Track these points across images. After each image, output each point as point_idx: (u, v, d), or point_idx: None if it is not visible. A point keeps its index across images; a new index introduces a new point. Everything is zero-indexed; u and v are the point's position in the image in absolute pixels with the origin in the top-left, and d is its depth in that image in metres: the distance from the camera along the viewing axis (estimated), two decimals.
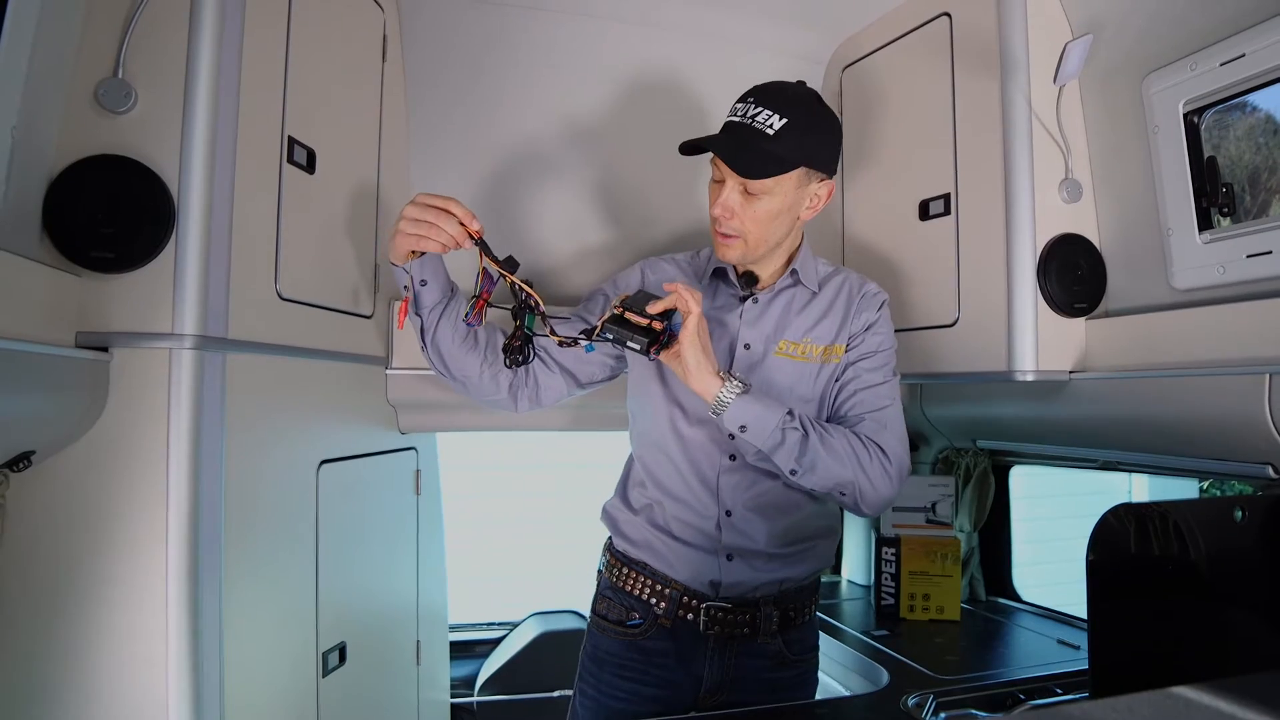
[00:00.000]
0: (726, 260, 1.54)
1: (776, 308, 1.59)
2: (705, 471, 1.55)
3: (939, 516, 2.46)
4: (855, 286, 1.64)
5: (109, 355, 1.25)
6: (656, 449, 1.59)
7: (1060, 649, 2.16)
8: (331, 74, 1.70)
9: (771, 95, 1.45)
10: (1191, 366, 1.60)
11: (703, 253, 1.69)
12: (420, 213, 1.35)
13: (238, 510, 1.38)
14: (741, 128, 1.43)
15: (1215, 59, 1.52)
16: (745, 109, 1.44)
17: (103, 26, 1.24)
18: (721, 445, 1.54)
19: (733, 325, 1.58)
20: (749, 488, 1.55)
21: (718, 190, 1.47)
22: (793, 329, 1.57)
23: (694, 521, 1.55)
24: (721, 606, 1.54)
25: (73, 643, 1.23)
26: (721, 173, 1.45)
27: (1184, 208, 1.63)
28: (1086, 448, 2.08)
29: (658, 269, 1.68)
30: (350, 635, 1.76)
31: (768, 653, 1.58)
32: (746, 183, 1.43)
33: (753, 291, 1.58)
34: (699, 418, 1.54)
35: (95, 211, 1.22)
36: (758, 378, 1.53)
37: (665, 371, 1.56)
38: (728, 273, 1.59)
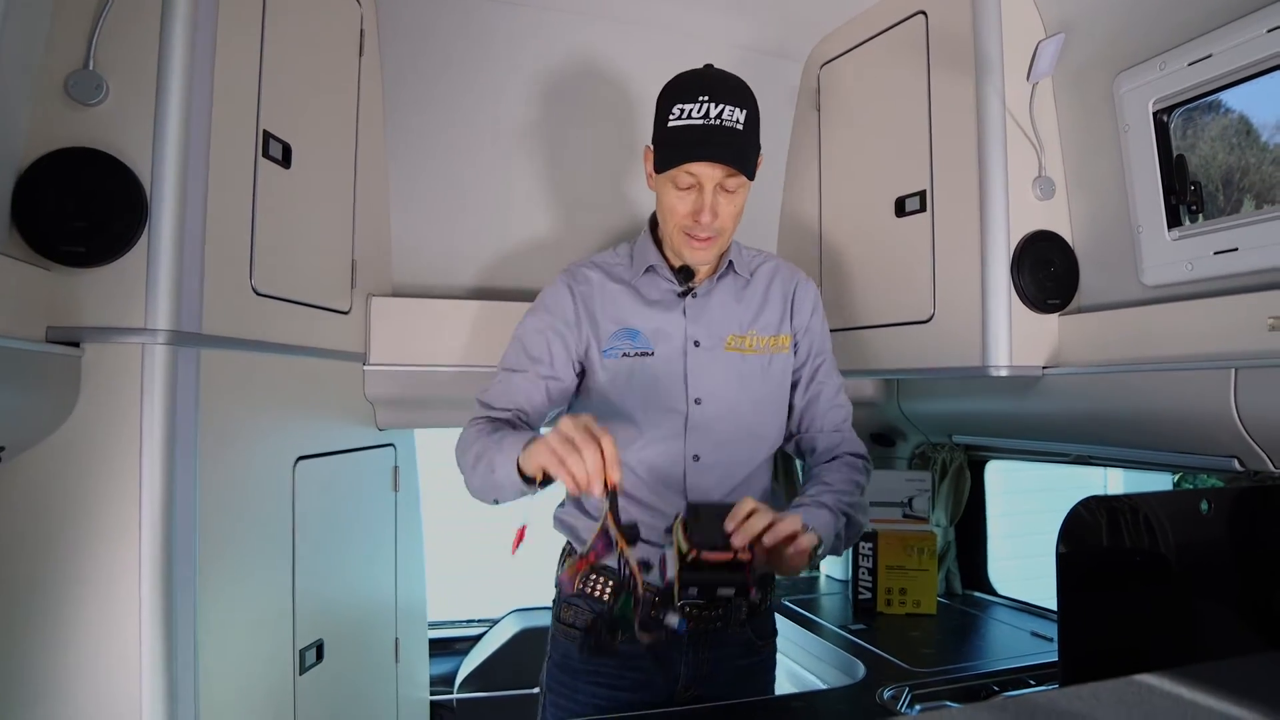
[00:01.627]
0: (700, 262, 1.52)
1: (716, 300, 1.57)
2: (671, 476, 1.52)
3: (915, 511, 2.48)
4: (788, 275, 1.65)
5: (80, 350, 1.24)
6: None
7: (1034, 641, 2.18)
8: (308, 68, 1.69)
9: (727, 89, 1.42)
10: (1160, 362, 1.63)
11: (620, 249, 1.64)
12: (578, 435, 1.20)
13: (212, 507, 1.37)
14: (718, 130, 1.40)
15: (1184, 59, 1.55)
16: (708, 108, 1.39)
17: (73, 17, 1.23)
18: (683, 446, 1.52)
19: (678, 323, 1.54)
20: (717, 487, 1.53)
21: (689, 195, 1.44)
22: (736, 321, 1.56)
23: (663, 527, 1.50)
24: (695, 603, 1.49)
25: (44, 642, 1.21)
26: (697, 177, 1.42)
27: (1154, 205, 1.65)
28: (1060, 442, 2.10)
29: (589, 283, 1.57)
30: (328, 632, 1.75)
31: (738, 641, 1.58)
32: (724, 181, 1.42)
33: (691, 286, 1.56)
34: (660, 423, 1.51)
35: (65, 205, 1.21)
36: (710, 374, 1.52)
37: (623, 381, 1.51)
38: (658, 267, 1.56)
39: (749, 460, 1.57)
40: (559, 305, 1.56)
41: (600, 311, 1.54)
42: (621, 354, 1.52)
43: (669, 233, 1.50)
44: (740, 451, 1.56)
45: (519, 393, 1.51)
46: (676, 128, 1.41)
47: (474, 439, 1.42)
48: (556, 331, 1.53)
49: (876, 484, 2.49)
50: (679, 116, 1.41)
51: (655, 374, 1.51)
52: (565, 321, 1.54)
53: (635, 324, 1.53)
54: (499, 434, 1.38)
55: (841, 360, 2.29)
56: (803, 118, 2.45)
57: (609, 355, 1.52)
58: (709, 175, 1.41)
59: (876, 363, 2.18)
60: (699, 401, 1.51)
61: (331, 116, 1.82)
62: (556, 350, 1.52)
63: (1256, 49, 1.43)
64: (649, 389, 1.51)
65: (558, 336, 1.53)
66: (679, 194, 1.44)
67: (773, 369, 1.58)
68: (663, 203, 1.48)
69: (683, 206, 1.45)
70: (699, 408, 1.51)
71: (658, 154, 1.46)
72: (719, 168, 1.40)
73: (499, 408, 1.51)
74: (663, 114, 1.44)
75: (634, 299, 1.56)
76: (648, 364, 1.51)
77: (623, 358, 1.51)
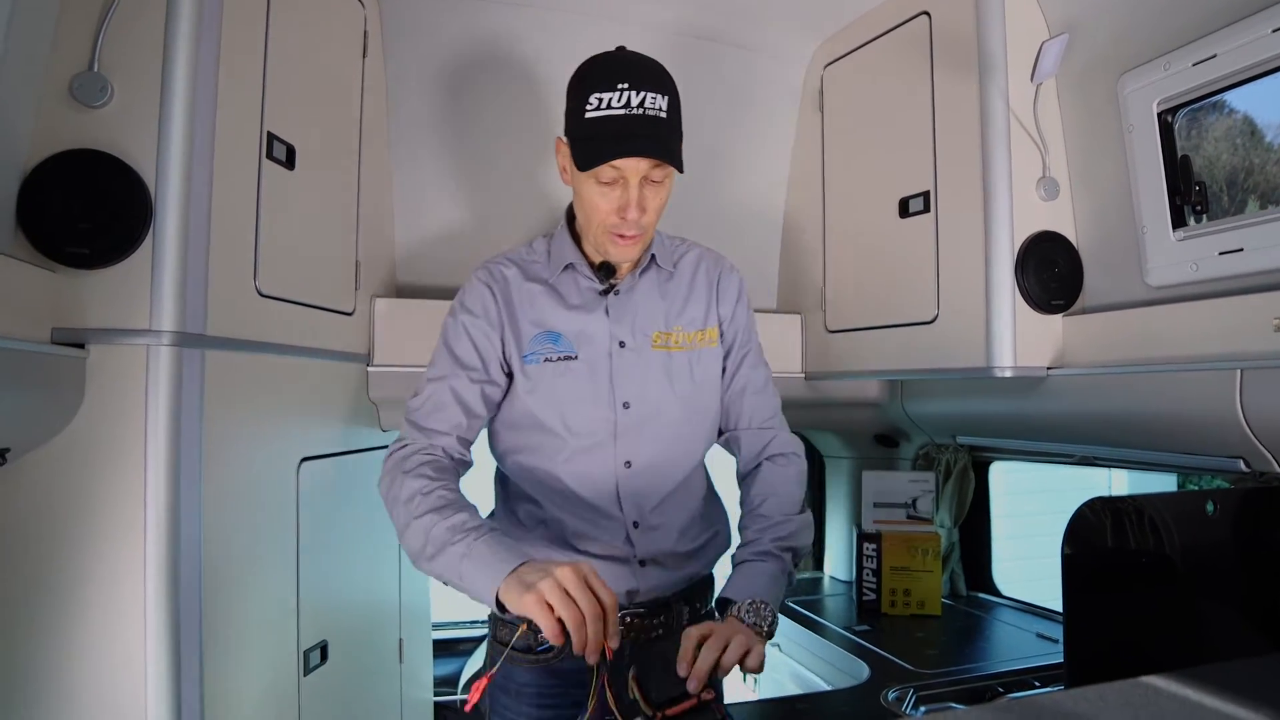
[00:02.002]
0: (626, 260, 1.43)
1: (639, 296, 1.48)
2: (603, 484, 1.43)
3: (920, 512, 2.48)
4: (713, 264, 1.56)
5: (85, 352, 1.24)
6: (543, 470, 1.45)
7: (1039, 642, 2.18)
8: (311, 69, 1.69)
9: (647, 75, 1.32)
10: (1165, 362, 1.62)
11: (536, 245, 1.53)
12: (575, 588, 1.10)
13: (217, 508, 1.37)
14: (641, 120, 1.29)
15: (1188, 59, 1.54)
16: (628, 96, 1.28)
17: (77, 19, 1.23)
18: (613, 452, 1.43)
19: (601, 323, 1.45)
20: (651, 493, 1.45)
21: (613, 191, 1.33)
22: (661, 317, 1.48)
23: (601, 536, 1.43)
24: (636, 613, 1.44)
25: (49, 643, 1.22)
26: (621, 171, 1.31)
27: (1158, 206, 1.65)
28: (1064, 443, 2.10)
29: (506, 281, 1.47)
30: (332, 634, 1.75)
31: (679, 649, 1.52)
32: (650, 173, 1.32)
33: (613, 283, 1.47)
34: (588, 430, 1.43)
35: (71, 206, 1.21)
36: (638, 375, 1.44)
37: (547, 388, 1.43)
38: (577, 265, 1.47)
39: (683, 463, 1.49)
40: (482, 305, 1.45)
41: (519, 313, 1.45)
42: (544, 359, 1.42)
43: (591, 230, 1.40)
44: (673, 454, 1.48)
45: (453, 407, 1.40)
46: (596, 119, 1.29)
47: (419, 505, 1.25)
48: (484, 333, 1.43)
49: (880, 485, 2.50)
50: (597, 107, 1.28)
51: (580, 379, 1.42)
52: (490, 322, 1.44)
53: (556, 326, 1.44)
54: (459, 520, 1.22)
55: (845, 361, 2.30)
56: (806, 119, 2.45)
57: (530, 361, 1.42)
58: (634, 169, 1.30)
59: (880, 364, 2.18)
60: (627, 405, 1.43)
61: (335, 117, 1.82)
62: (487, 352, 1.43)
63: (1261, 49, 1.43)
64: (574, 395, 1.42)
65: (485, 338, 1.43)
66: (601, 190, 1.33)
67: (700, 365, 1.50)
68: (583, 200, 1.37)
69: (606, 203, 1.34)
70: (627, 412, 1.43)
71: (575, 148, 1.33)
72: (645, 160, 1.30)
73: (432, 428, 1.39)
74: (577, 104, 1.31)
75: (553, 300, 1.46)
76: (572, 369, 1.42)
77: (545, 363, 1.42)
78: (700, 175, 2.37)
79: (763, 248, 2.55)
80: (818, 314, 2.41)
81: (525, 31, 2.13)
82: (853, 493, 2.84)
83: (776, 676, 2.47)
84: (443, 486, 1.28)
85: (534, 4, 2.10)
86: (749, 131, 2.44)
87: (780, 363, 2.45)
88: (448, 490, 1.28)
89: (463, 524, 1.21)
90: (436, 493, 1.26)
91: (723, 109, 2.37)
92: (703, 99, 2.33)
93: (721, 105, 2.36)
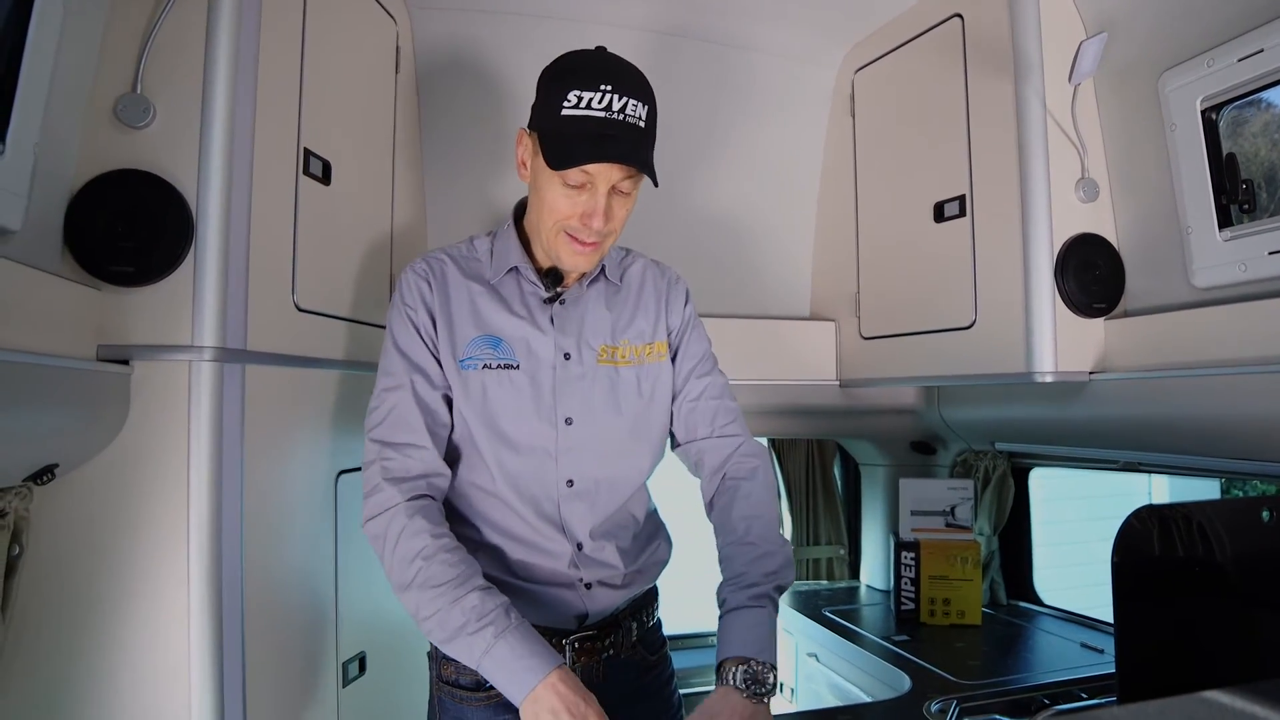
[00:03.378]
0: (579, 268, 1.36)
1: (585, 306, 1.42)
2: (544, 505, 1.36)
3: (958, 520, 2.44)
4: (659, 275, 1.51)
5: (129, 368, 1.26)
6: (478, 489, 1.37)
7: (1084, 652, 2.13)
8: (345, 86, 1.71)
9: (631, 81, 1.26)
10: (1213, 365, 1.58)
11: (478, 243, 1.44)
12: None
13: (257, 521, 1.38)
14: (620, 125, 1.24)
15: (1233, 54, 1.51)
16: (610, 100, 1.22)
17: (121, 43, 1.25)
18: (554, 470, 1.36)
19: (546, 332, 1.38)
20: (594, 513, 1.39)
21: (578, 194, 1.27)
22: (608, 330, 1.42)
23: (544, 562, 1.36)
24: (586, 635, 1.38)
25: (96, 654, 1.23)
26: (592, 175, 1.25)
27: (1203, 205, 1.61)
28: (1107, 449, 2.06)
29: (443, 278, 1.39)
30: (369, 645, 1.76)
31: (629, 665, 1.45)
32: (620, 182, 1.27)
33: (559, 291, 1.40)
34: (527, 445, 1.35)
35: (115, 225, 1.23)
36: (582, 390, 1.37)
37: (484, 398, 1.34)
38: (522, 269, 1.39)
39: (627, 483, 1.42)
40: (419, 297, 1.35)
41: (455, 312, 1.36)
42: (482, 365, 1.34)
43: (545, 231, 1.32)
44: (618, 473, 1.40)
45: (419, 416, 1.31)
46: (573, 117, 1.22)
47: (424, 573, 1.20)
48: (429, 332, 1.35)
49: (918, 492, 2.46)
50: (576, 105, 1.22)
51: (520, 390, 1.34)
52: (429, 316, 1.35)
53: (497, 330, 1.36)
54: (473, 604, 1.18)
55: (881, 368, 2.28)
56: (837, 124, 2.44)
57: (467, 366, 1.33)
58: (606, 176, 1.26)
59: (917, 370, 2.15)
60: (569, 421, 1.36)
61: (369, 132, 1.84)
62: (441, 352, 1.35)
63: None
64: (514, 407, 1.34)
65: (430, 334, 1.35)
66: (566, 191, 1.27)
67: (648, 380, 1.44)
68: (543, 198, 1.30)
69: (568, 206, 1.28)
70: (569, 429, 1.35)
71: (546, 144, 1.26)
72: (619, 168, 1.25)
73: (407, 443, 1.30)
74: (553, 97, 1.25)
75: (494, 302, 1.37)
76: (512, 378, 1.34)
77: (483, 369, 1.34)
78: (731, 183, 2.37)
79: (795, 255, 2.53)
80: (852, 321, 2.39)
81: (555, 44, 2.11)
82: (889, 501, 2.81)
83: (814, 687, 2.44)
84: (444, 549, 1.22)
85: (564, 17, 2.11)
86: (779, 138, 2.43)
87: (814, 370, 2.43)
88: (450, 553, 1.22)
89: (478, 610, 1.17)
90: (440, 557, 1.21)
91: (753, 116, 2.36)
92: (733, 106, 2.33)
93: (752, 112, 2.36)
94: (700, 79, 2.24)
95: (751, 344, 2.35)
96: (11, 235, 1.10)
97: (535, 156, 1.30)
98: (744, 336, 2.33)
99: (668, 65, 2.20)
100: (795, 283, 2.54)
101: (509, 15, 2.09)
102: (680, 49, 2.21)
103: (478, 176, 2.18)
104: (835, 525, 3.17)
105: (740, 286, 2.46)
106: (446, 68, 2.10)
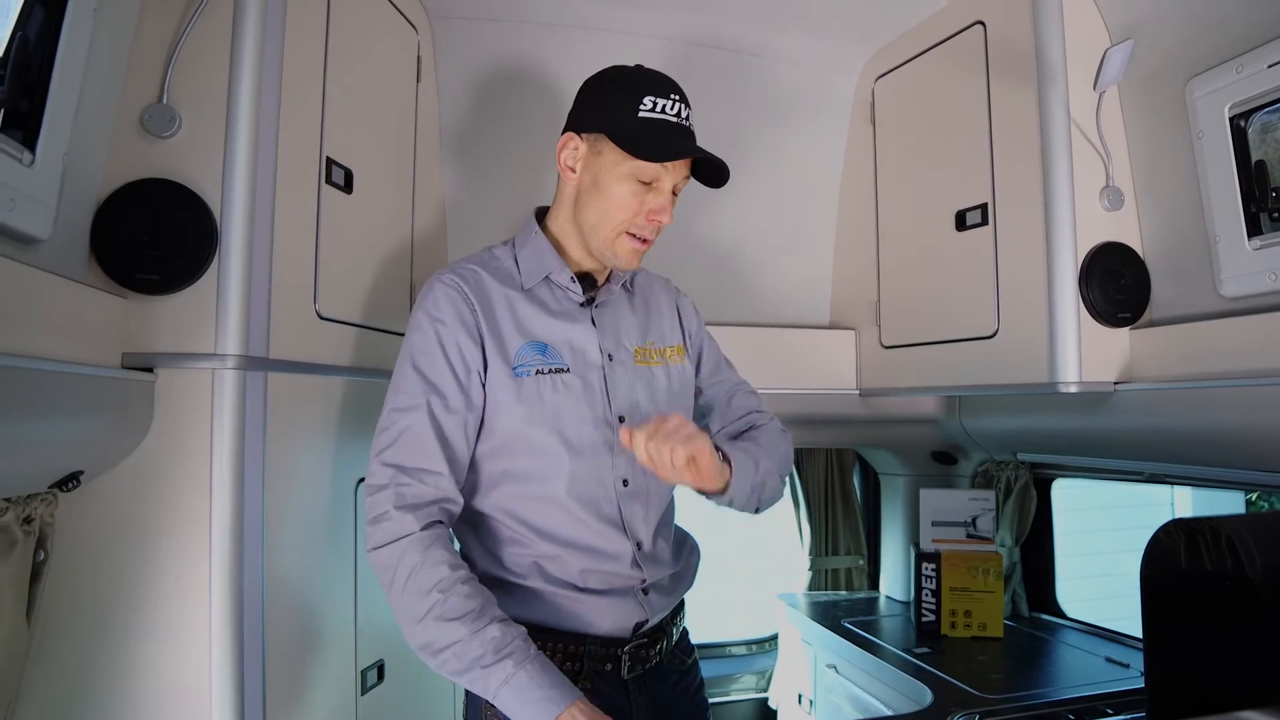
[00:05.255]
0: (630, 267, 1.40)
1: (615, 310, 1.46)
2: (604, 507, 1.36)
3: (980, 531, 2.41)
4: (664, 285, 1.60)
5: (154, 376, 1.27)
6: (534, 500, 1.34)
7: (1109, 667, 2.10)
8: (367, 95, 1.73)
9: (686, 96, 1.36)
10: (1242, 376, 1.56)
11: (498, 252, 1.44)
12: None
13: (278, 528, 1.39)
14: (690, 132, 1.35)
15: (1262, 60, 1.49)
16: (679, 108, 1.33)
17: (148, 54, 1.27)
18: (611, 470, 1.36)
19: (589, 334, 1.40)
20: (649, 512, 1.40)
21: (646, 193, 1.32)
22: (637, 332, 1.47)
23: (608, 567, 1.35)
24: (640, 644, 1.38)
25: (118, 659, 1.24)
26: (665, 175, 1.32)
27: (1232, 214, 1.59)
28: (1132, 460, 2.03)
29: (481, 287, 1.36)
30: (388, 653, 1.76)
31: (671, 669, 1.47)
32: (679, 184, 1.35)
33: (594, 294, 1.43)
34: (588, 446, 1.35)
35: (141, 234, 1.24)
36: (627, 388, 1.40)
37: (540, 402, 1.32)
38: (555, 275, 1.40)
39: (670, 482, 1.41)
40: (457, 312, 1.32)
41: (500, 320, 1.34)
42: (535, 370, 1.32)
43: (606, 230, 1.34)
44: None
45: (433, 447, 1.26)
46: (651, 119, 1.29)
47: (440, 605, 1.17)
48: (458, 345, 1.30)
49: (939, 503, 2.44)
50: (652, 109, 1.29)
51: (574, 392, 1.34)
52: (469, 333, 1.31)
53: (542, 336, 1.36)
54: (493, 636, 1.15)
55: (902, 377, 2.26)
56: (857, 132, 2.43)
57: (521, 373, 1.32)
58: (674, 174, 1.33)
59: (938, 380, 2.13)
60: (623, 419, 1.37)
61: (390, 141, 1.85)
62: (464, 371, 1.30)
63: None
64: (570, 410, 1.34)
65: (460, 351, 1.30)
66: (637, 189, 1.31)
67: (676, 379, 1.49)
68: (609, 197, 1.32)
69: (637, 204, 1.32)
70: (623, 426, 1.35)
71: (629, 142, 1.29)
72: (684, 169, 1.35)
73: (422, 467, 1.25)
74: (626, 102, 1.30)
75: (533, 308, 1.37)
76: (565, 381, 1.34)
77: (536, 375, 1.32)
78: (751, 191, 2.36)
79: (814, 263, 2.52)
80: (872, 330, 2.37)
81: (573, 52, 2.14)
82: (909, 511, 2.78)
83: (834, 699, 2.42)
84: (461, 580, 1.19)
85: (585, 25, 2.12)
86: (800, 146, 2.42)
87: (834, 379, 2.42)
88: (467, 585, 1.20)
89: (497, 642, 1.15)
90: (457, 589, 1.18)
91: (773, 124, 2.35)
92: (753, 114, 2.32)
93: (772, 120, 2.35)
94: (721, 87, 2.24)
95: (771, 352, 2.34)
96: (40, 244, 1.11)
97: (595, 157, 1.33)
98: (764, 345, 2.32)
99: (688, 74, 2.18)
100: (815, 291, 2.53)
101: (528, 24, 2.10)
102: (699, 57, 2.21)
103: (498, 184, 2.19)
104: (854, 535, 3.14)
105: (760, 295, 2.45)
106: (467, 76, 2.11)
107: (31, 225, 1.08)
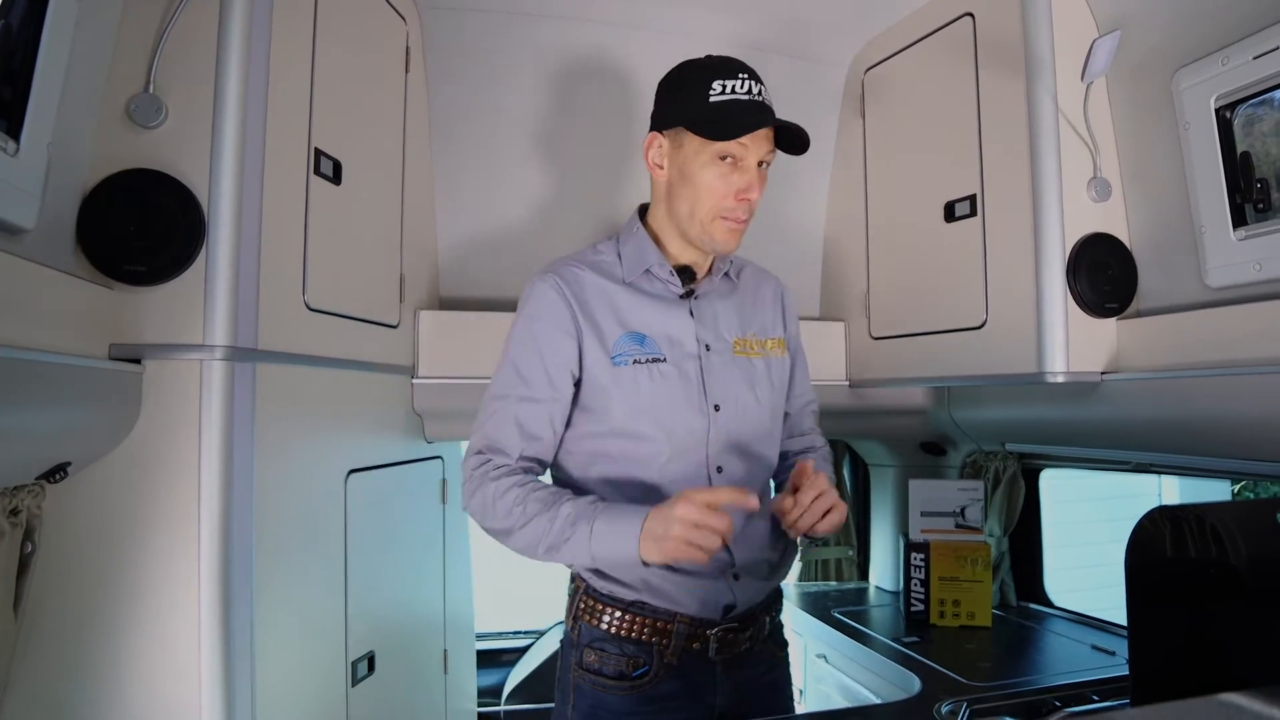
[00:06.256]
0: (731, 250, 1.44)
1: (715, 301, 1.49)
2: None
3: (968, 521, 2.42)
4: (770, 278, 1.64)
5: (141, 367, 1.26)
6: (633, 485, 1.40)
7: (1095, 654, 2.12)
8: (356, 85, 1.72)
9: (748, 68, 1.39)
10: (1227, 366, 1.57)
11: (602, 247, 1.50)
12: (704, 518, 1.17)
13: (267, 520, 1.38)
14: (766, 107, 1.37)
15: (1248, 52, 1.50)
16: (750, 85, 1.36)
17: (134, 43, 1.26)
18: (706, 458, 1.42)
19: (687, 325, 1.44)
20: None
21: (732, 173, 1.36)
22: (736, 324, 1.50)
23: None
24: (729, 627, 1.42)
25: (107, 651, 1.24)
26: (746, 151, 1.35)
27: (1217, 205, 1.60)
28: (1119, 450, 2.05)
29: (580, 282, 1.42)
30: (379, 644, 1.76)
31: (762, 658, 1.51)
32: (766, 155, 1.38)
33: (693, 287, 1.47)
34: (684, 433, 1.41)
35: (127, 225, 1.24)
36: (723, 378, 1.44)
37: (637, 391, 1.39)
38: (656, 268, 1.45)
39: (765, 469, 1.51)
40: (553, 311, 1.39)
41: (598, 313, 1.41)
42: (633, 360, 1.39)
43: (701, 217, 1.39)
44: (759, 459, 1.49)
45: (519, 429, 1.37)
46: (724, 102, 1.34)
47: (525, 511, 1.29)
48: (554, 343, 1.38)
49: (928, 493, 2.45)
50: (722, 92, 1.34)
51: (671, 382, 1.40)
52: (563, 329, 1.39)
53: (640, 328, 1.41)
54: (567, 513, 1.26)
55: (890, 368, 2.27)
56: (846, 124, 2.43)
57: (620, 362, 1.38)
58: (756, 149, 1.36)
59: (927, 370, 2.14)
60: (718, 408, 1.42)
61: (379, 132, 1.85)
62: (556, 367, 1.38)
63: None
64: (667, 399, 1.39)
65: (555, 349, 1.38)
66: (721, 171, 1.35)
67: (773, 372, 1.52)
68: (698, 185, 1.37)
69: (724, 185, 1.36)
70: (718, 415, 1.42)
71: (703, 127, 1.34)
72: (767, 141, 1.37)
73: (506, 450, 1.36)
74: (695, 92, 1.35)
75: (634, 300, 1.43)
76: (662, 371, 1.40)
77: (634, 364, 1.39)
78: None
79: (804, 254, 2.53)
80: (861, 320, 2.38)
81: (565, 44, 2.14)
82: (898, 501, 2.80)
83: (824, 689, 2.43)
84: (534, 488, 1.31)
85: (572, 17, 2.11)
86: None
87: (823, 370, 2.42)
88: (542, 490, 1.31)
89: (570, 516, 1.26)
90: (534, 494, 1.30)
91: None
92: None
93: None
94: None
95: None
96: (25, 234, 1.10)
97: (677, 150, 1.39)
98: None
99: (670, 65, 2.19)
100: (805, 282, 2.53)
101: (517, 15, 2.09)
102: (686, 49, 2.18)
103: (487, 176, 2.18)
104: (844, 526, 3.15)
105: None
106: (456, 67, 2.10)
107: (15, 215, 1.07)
